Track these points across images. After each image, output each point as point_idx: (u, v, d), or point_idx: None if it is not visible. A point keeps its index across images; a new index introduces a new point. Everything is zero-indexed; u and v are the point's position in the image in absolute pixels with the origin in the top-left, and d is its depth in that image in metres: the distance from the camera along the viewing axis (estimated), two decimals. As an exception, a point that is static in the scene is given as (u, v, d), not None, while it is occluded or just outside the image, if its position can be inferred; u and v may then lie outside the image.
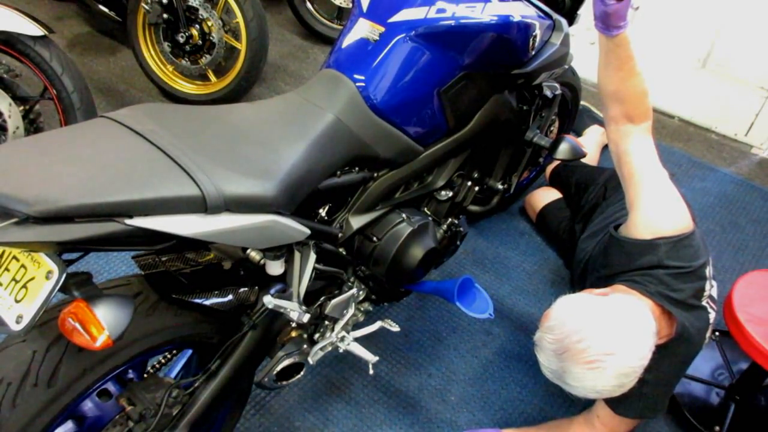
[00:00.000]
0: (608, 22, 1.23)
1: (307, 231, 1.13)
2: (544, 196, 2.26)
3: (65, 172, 0.84)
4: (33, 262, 0.86)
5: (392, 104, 1.28)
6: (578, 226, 1.99)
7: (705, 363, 1.81)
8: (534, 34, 1.46)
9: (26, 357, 0.93)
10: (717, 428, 1.66)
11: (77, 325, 0.87)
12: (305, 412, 1.65)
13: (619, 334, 1.16)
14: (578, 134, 2.63)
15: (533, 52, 1.51)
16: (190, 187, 0.91)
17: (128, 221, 0.85)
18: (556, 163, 2.29)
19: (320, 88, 1.27)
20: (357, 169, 1.32)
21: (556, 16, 1.58)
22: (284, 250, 1.19)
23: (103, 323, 0.87)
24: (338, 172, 1.26)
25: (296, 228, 1.09)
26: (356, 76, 1.27)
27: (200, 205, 0.91)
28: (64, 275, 0.83)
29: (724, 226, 2.41)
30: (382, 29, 1.29)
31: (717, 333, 1.88)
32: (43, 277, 0.84)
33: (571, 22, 1.68)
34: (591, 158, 2.42)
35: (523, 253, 2.22)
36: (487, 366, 1.82)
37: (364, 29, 1.31)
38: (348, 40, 1.32)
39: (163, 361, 1.33)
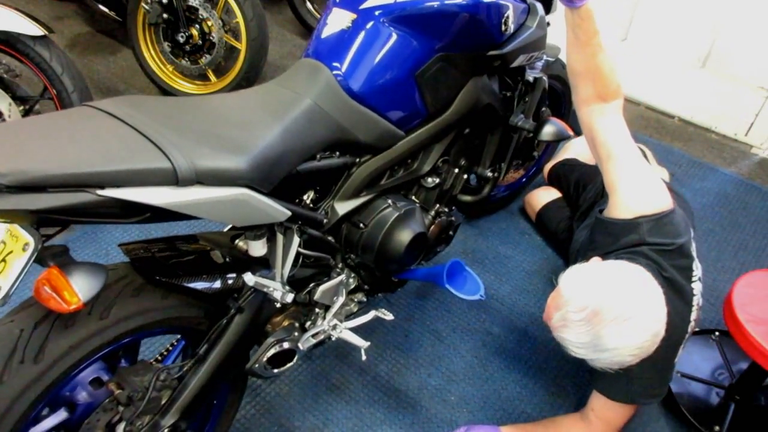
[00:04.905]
0: None
1: (287, 212, 1.16)
2: (543, 195, 2.26)
3: (40, 146, 0.87)
4: (12, 237, 0.89)
5: (368, 89, 1.30)
6: (577, 225, 1.99)
7: (705, 363, 1.81)
8: (506, 14, 1.47)
9: (13, 335, 0.96)
10: (717, 428, 1.66)
11: (51, 292, 0.91)
12: (305, 412, 1.65)
13: (639, 286, 1.19)
14: (577, 133, 2.63)
15: (508, 34, 1.52)
16: (160, 161, 0.93)
17: (100, 192, 0.87)
18: (554, 162, 2.30)
19: (298, 77, 1.30)
20: (338, 153, 1.33)
21: (530, 0, 1.61)
22: (265, 230, 1.21)
23: (75, 288, 0.91)
24: (318, 156, 1.27)
25: (274, 207, 1.11)
26: (332, 64, 1.29)
27: (171, 177, 0.94)
28: (40, 246, 0.86)
29: (724, 226, 2.41)
30: (355, 16, 1.32)
31: (717, 333, 1.88)
32: (20, 249, 0.87)
33: (547, 10, 1.71)
34: (590, 157, 2.41)
35: (523, 253, 2.22)
36: (487, 366, 1.82)
37: (337, 18, 1.34)
38: (323, 30, 1.35)
39: (159, 358, 1.33)
